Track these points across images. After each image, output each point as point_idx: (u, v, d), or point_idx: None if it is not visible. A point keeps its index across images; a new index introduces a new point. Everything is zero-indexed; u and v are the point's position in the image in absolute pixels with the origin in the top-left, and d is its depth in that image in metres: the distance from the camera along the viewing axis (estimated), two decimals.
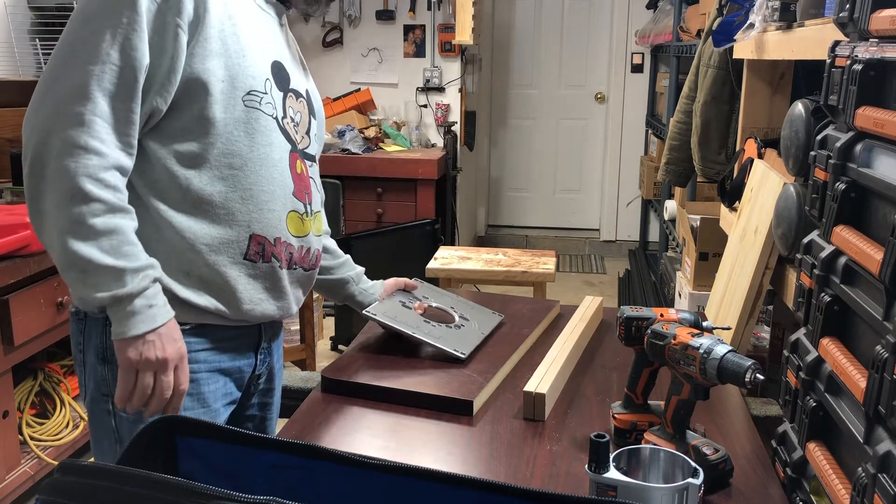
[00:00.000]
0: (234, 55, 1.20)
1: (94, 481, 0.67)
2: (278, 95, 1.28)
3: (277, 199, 1.27)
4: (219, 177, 1.21)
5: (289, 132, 1.30)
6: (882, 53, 1.00)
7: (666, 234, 4.36)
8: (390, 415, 1.34)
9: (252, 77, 1.22)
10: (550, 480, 1.13)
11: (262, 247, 1.26)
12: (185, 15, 1.15)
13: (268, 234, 1.26)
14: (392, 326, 1.53)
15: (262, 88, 1.24)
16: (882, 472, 0.84)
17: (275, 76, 1.28)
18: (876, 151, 1.01)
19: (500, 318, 1.71)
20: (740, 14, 2.07)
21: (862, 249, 0.97)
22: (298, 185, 1.31)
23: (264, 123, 1.24)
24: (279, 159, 1.27)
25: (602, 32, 5.98)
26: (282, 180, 1.28)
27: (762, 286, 1.73)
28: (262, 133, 1.24)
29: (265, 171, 1.25)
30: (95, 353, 1.24)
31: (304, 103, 1.36)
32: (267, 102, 1.25)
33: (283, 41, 1.35)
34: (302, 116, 1.35)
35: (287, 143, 1.29)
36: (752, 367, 1.03)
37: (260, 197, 1.25)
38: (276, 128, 1.27)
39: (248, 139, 1.22)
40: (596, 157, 6.19)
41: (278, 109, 1.28)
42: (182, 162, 1.19)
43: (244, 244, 1.25)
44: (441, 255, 3.16)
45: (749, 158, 2.06)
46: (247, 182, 1.23)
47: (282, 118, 1.28)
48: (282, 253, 1.29)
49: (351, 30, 4.89)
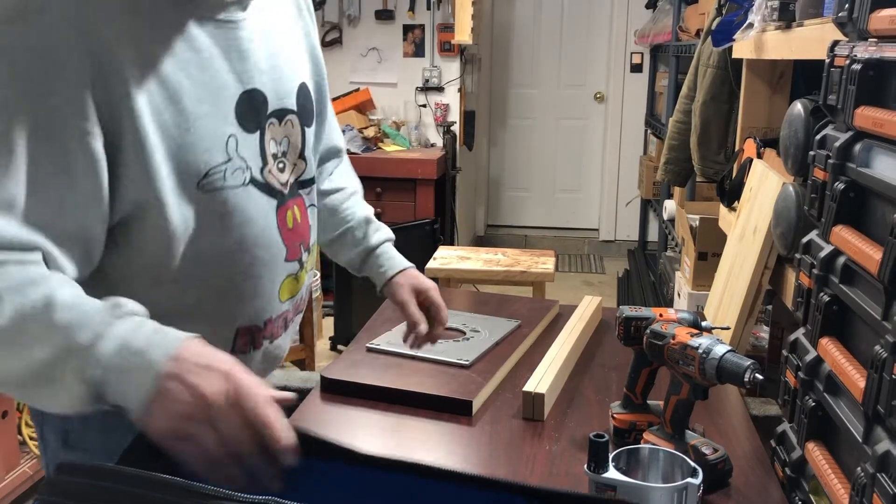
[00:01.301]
0: (175, 134, 0.91)
1: (92, 481, 0.67)
2: (251, 142, 1.00)
3: (265, 279, 1.05)
4: (190, 286, 0.98)
5: (272, 183, 1.04)
6: (881, 53, 1.00)
7: (665, 233, 4.36)
8: (390, 415, 1.34)
9: (206, 151, 0.94)
10: (550, 480, 1.13)
11: (252, 335, 1.07)
12: (93, 118, 0.85)
13: (257, 321, 1.06)
14: (396, 353, 1.52)
15: (224, 156, 0.96)
16: (881, 472, 0.84)
17: (244, 119, 0.99)
18: (875, 151, 1.01)
19: (517, 323, 1.70)
20: (739, 14, 2.07)
21: (861, 249, 0.97)
22: (292, 243, 1.08)
23: (233, 201, 0.98)
24: (261, 230, 1.03)
25: (601, 32, 5.98)
26: (268, 256, 1.04)
27: (761, 286, 1.73)
28: (231, 214, 0.98)
29: (245, 258, 1.01)
30: (55, 435, 1.05)
31: (291, 121, 1.08)
32: (235, 169, 0.98)
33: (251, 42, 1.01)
34: (291, 140, 1.08)
35: (271, 199, 1.04)
36: (751, 367, 1.03)
37: (243, 288, 1.03)
38: (251, 194, 1.01)
39: (215, 231, 0.97)
40: (595, 156, 6.19)
41: (253, 163, 1.00)
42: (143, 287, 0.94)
43: (230, 341, 1.04)
44: (440, 254, 3.16)
45: (748, 158, 2.06)
46: (223, 278, 1.01)
47: (260, 169, 1.02)
48: (275, 328, 1.10)
49: (350, 29, 4.89)
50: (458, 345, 1.56)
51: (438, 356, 1.49)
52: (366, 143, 4.57)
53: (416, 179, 4.39)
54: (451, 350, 1.52)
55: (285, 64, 1.08)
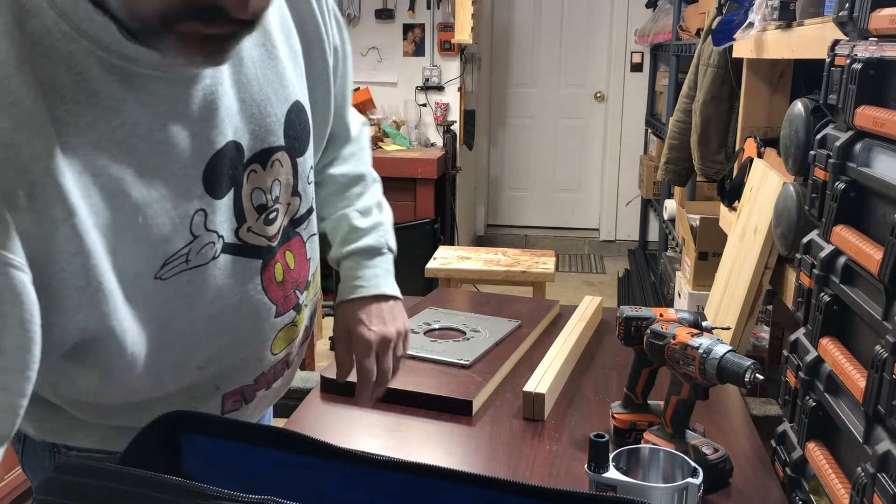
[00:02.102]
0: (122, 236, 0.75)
1: (91, 481, 0.67)
2: (223, 207, 0.84)
3: (252, 345, 0.94)
4: (165, 375, 0.88)
5: (252, 242, 0.88)
6: (881, 52, 0.99)
7: (665, 233, 4.36)
8: (390, 415, 1.33)
9: (163, 241, 0.78)
10: (550, 480, 1.13)
11: (242, 394, 0.97)
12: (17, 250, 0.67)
13: (245, 381, 0.96)
14: None
15: (186, 238, 0.80)
16: (881, 472, 0.84)
17: (214, 184, 0.82)
18: (875, 151, 1.01)
19: (517, 323, 1.70)
20: (740, 13, 2.07)
21: (861, 249, 0.97)
22: (283, 296, 0.95)
23: (200, 280, 0.83)
24: (242, 297, 0.89)
25: (601, 31, 5.98)
26: (253, 324, 0.92)
27: (762, 286, 1.73)
28: (202, 295, 0.84)
29: (223, 333, 0.89)
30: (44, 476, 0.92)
31: (280, 160, 0.91)
32: (202, 247, 0.82)
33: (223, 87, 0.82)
34: (283, 181, 0.92)
35: (253, 260, 0.89)
36: (751, 367, 1.03)
37: (224, 363, 0.92)
38: (223, 265, 0.85)
39: (184, 315, 0.84)
40: (595, 156, 6.19)
41: (226, 230, 0.85)
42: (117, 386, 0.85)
43: (217, 405, 0.95)
44: (440, 254, 3.16)
45: (748, 158, 2.06)
46: (205, 355, 0.89)
47: (235, 230, 0.86)
48: (269, 377, 1.00)
49: (350, 29, 4.89)
50: (458, 345, 1.56)
51: (438, 356, 1.49)
52: None
53: (416, 179, 4.39)
54: (451, 350, 1.52)
55: (266, 91, 0.88)
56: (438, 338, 1.61)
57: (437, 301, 1.88)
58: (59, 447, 0.96)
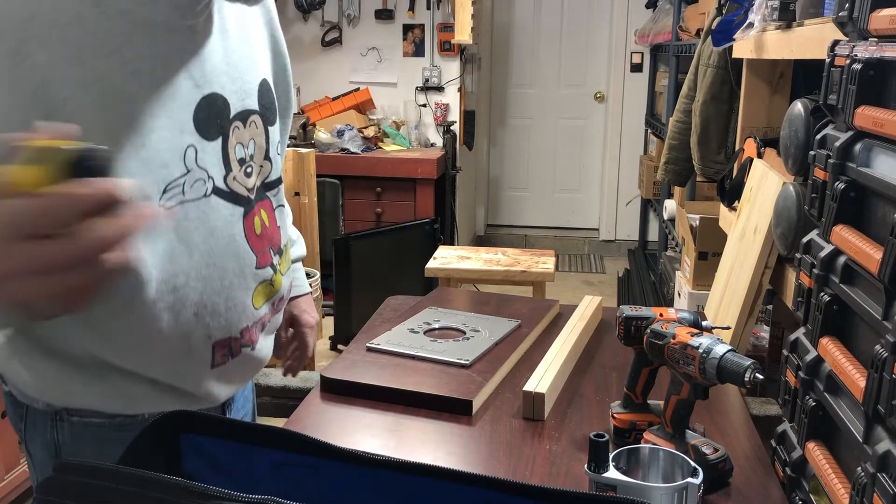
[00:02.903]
0: (129, 156, 0.86)
1: (91, 480, 0.67)
2: (212, 150, 0.96)
3: (237, 290, 1.02)
4: (162, 308, 0.94)
5: (237, 191, 1.01)
6: (881, 53, 1.00)
7: (665, 233, 4.36)
8: (389, 415, 1.34)
9: (163, 166, 0.89)
10: (550, 480, 1.13)
11: (229, 346, 1.05)
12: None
13: (233, 332, 1.04)
14: (396, 352, 1.52)
15: (182, 168, 0.92)
16: (881, 472, 0.84)
17: (203, 126, 0.94)
18: (875, 151, 1.01)
19: (517, 323, 1.70)
20: (740, 13, 2.07)
21: (861, 249, 0.97)
22: (262, 249, 1.06)
23: (194, 215, 0.95)
24: (228, 242, 0.99)
25: (601, 32, 5.98)
26: (238, 266, 1.02)
27: (761, 285, 1.73)
28: (196, 229, 0.95)
29: (214, 271, 0.98)
30: (45, 449, 1.05)
31: (255, 122, 1.04)
32: (195, 181, 0.93)
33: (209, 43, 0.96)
34: (257, 141, 1.04)
35: (236, 207, 1.01)
36: (751, 367, 1.03)
37: (215, 303, 1.00)
38: (214, 205, 0.97)
39: (181, 246, 0.94)
40: (595, 156, 6.19)
41: (215, 172, 0.97)
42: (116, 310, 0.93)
43: (208, 356, 1.03)
44: (440, 254, 3.16)
45: (748, 158, 2.06)
46: (195, 296, 0.97)
47: (224, 177, 0.98)
48: (252, 335, 1.09)
49: (350, 29, 4.89)
50: (458, 344, 1.56)
51: (438, 356, 1.49)
52: (366, 142, 4.57)
53: (416, 179, 4.39)
54: (451, 350, 1.52)
55: (245, 61, 1.02)
56: (438, 337, 1.61)
57: (437, 301, 1.88)
58: (60, 414, 1.02)
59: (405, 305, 1.87)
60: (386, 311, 1.87)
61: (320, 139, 4.48)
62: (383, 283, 3.57)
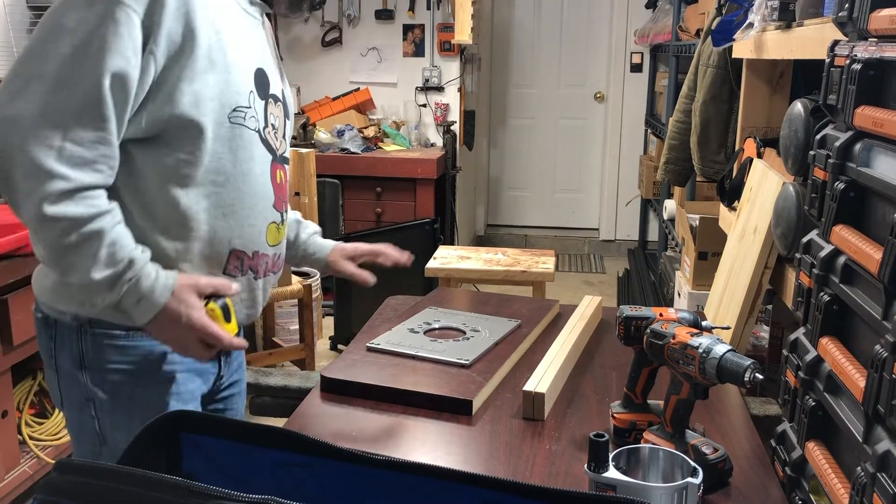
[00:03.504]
0: (221, 72, 1.19)
1: (91, 480, 0.67)
2: (260, 105, 1.27)
3: (259, 213, 1.28)
4: (204, 194, 1.21)
5: (270, 142, 1.30)
6: (881, 53, 1.00)
7: (665, 233, 4.36)
8: (390, 415, 1.34)
9: (237, 93, 1.21)
10: (550, 480, 1.13)
11: (241, 261, 1.28)
12: (165, 43, 1.13)
13: (247, 248, 1.28)
14: (396, 352, 1.52)
15: (247, 102, 1.23)
16: (881, 472, 0.84)
17: (257, 85, 1.26)
18: (875, 151, 1.01)
19: (517, 322, 1.70)
20: (739, 13, 2.07)
21: (861, 249, 0.97)
22: (279, 195, 1.33)
23: (248, 138, 1.24)
24: (261, 173, 1.27)
25: (601, 32, 5.98)
26: (264, 193, 1.29)
27: (761, 285, 1.73)
28: (245, 149, 1.24)
29: (248, 187, 1.25)
30: (71, 359, 1.23)
31: (281, 107, 1.35)
32: (251, 116, 1.24)
33: (265, 43, 1.34)
34: (280, 121, 1.34)
35: (268, 153, 1.29)
36: (751, 367, 1.03)
37: (242, 213, 1.25)
38: (258, 140, 1.26)
39: (231, 156, 1.22)
40: (595, 156, 6.19)
41: (260, 120, 1.27)
42: (170, 181, 1.19)
43: (224, 259, 1.26)
44: (440, 254, 3.16)
45: (748, 158, 2.06)
46: (229, 198, 1.24)
47: (263, 129, 1.28)
48: (259, 265, 1.31)
49: (350, 29, 4.89)
50: (458, 344, 1.56)
51: (438, 356, 1.49)
52: (366, 142, 4.57)
53: (416, 179, 4.39)
54: (451, 350, 1.52)
55: (274, 68, 1.35)
56: (438, 337, 1.61)
57: (437, 301, 1.88)
58: (84, 328, 1.22)
59: (405, 305, 1.87)
60: (386, 311, 1.87)
61: (320, 139, 4.48)
62: (383, 283, 3.57)
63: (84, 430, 1.27)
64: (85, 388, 1.23)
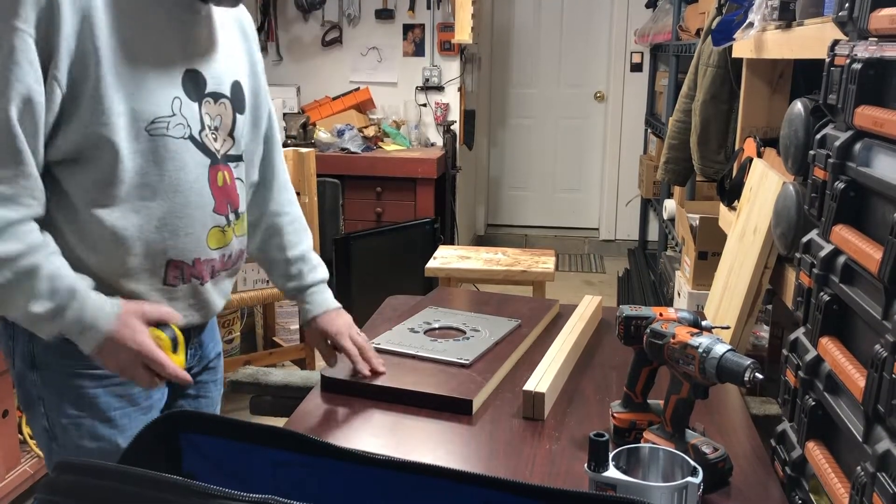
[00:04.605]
0: (130, 85, 1.14)
1: (92, 480, 0.67)
2: (192, 108, 1.22)
3: (195, 221, 1.25)
4: (132, 210, 1.19)
5: (207, 145, 1.25)
6: (881, 52, 1.00)
7: (665, 233, 4.36)
8: (389, 414, 1.34)
9: (155, 105, 1.17)
10: (550, 479, 1.13)
11: (181, 270, 1.26)
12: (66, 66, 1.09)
13: (186, 257, 1.25)
14: (396, 352, 1.52)
15: (169, 111, 1.19)
16: (881, 471, 0.84)
17: (187, 88, 1.22)
18: (875, 150, 1.01)
19: (517, 322, 1.70)
20: (739, 13, 2.07)
21: (861, 248, 0.97)
22: (220, 199, 1.28)
23: (174, 148, 1.20)
24: (195, 180, 1.23)
25: (601, 31, 5.98)
26: (199, 202, 1.25)
27: (761, 285, 1.73)
28: (172, 159, 1.20)
29: (180, 198, 1.22)
30: (23, 359, 1.25)
31: (224, 104, 1.29)
32: (177, 124, 1.20)
33: (200, 36, 1.25)
34: (223, 119, 1.29)
35: (205, 157, 1.25)
36: (751, 366, 1.03)
37: (175, 224, 1.22)
38: (188, 147, 1.22)
39: (157, 168, 1.19)
40: (595, 156, 6.19)
41: (193, 124, 1.22)
42: (95, 201, 1.17)
43: (161, 271, 1.24)
44: (440, 254, 3.16)
45: (748, 157, 2.06)
46: (160, 212, 1.21)
47: (199, 132, 1.24)
48: (203, 271, 1.29)
49: (350, 29, 4.88)
50: (458, 344, 1.56)
51: (438, 355, 1.49)
52: (366, 142, 4.57)
53: (416, 179, 4.39)
54: (451, 349, 1.52)
55: (223, 61, 1.30)
56: (438, 337, 1.61)
57: (437, 300, 1.88)
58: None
59: (405, 305, 1.87)
60: (386, 310, 1.87)
61: (320, 139, 4.48)
62: (383, 282, 3.57)
63: (36, 428, 1.29)
64: (35, 387, 1.25)
